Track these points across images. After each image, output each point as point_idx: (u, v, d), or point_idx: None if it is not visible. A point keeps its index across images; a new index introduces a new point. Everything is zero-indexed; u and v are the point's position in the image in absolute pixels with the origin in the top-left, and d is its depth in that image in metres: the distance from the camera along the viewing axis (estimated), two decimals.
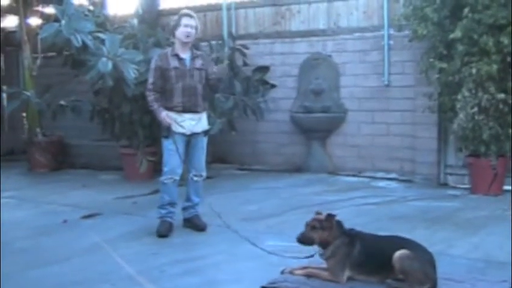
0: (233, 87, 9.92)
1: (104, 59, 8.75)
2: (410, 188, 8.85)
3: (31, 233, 6.71)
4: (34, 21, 11.55)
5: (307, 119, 10.20)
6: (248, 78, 10.31)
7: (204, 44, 10.35)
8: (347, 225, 4.86)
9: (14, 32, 12.18)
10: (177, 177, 6.46)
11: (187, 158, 6.54)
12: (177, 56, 6.40)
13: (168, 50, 6.61)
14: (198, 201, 6.71)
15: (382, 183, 9.22)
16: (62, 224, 7.07)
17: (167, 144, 6.39)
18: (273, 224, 6.85)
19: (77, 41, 8.88)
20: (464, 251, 5.62)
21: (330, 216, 4.81)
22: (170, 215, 6.55)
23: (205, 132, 6.59)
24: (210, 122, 6.92)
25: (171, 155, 6.37)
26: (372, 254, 4.64)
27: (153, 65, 6.48)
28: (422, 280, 4.34)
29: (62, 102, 10.71)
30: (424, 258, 4.46)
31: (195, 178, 6.59)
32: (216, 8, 11.20)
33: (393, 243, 4.60)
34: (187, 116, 6.38)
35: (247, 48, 10.58)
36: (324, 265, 4.79)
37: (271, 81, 10.49)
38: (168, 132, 6.35)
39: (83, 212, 7.58)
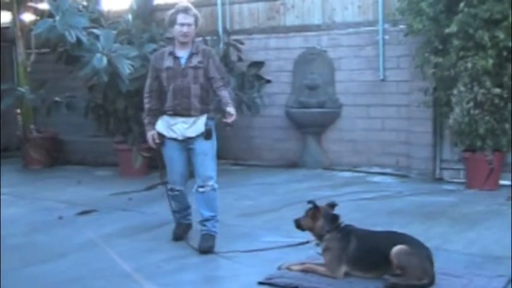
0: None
1: (99, 54, 8.73)
2: (405, 182, 8.84)
3: (26, 230, 6.68)
4: (28, 17, 11.48)
5: (302, 114, 10.18)
6: (243, 73, 10.28)
7: (198, 39, 10.30)
8: (343, 220, 4.87)
9: (7, 28, 12.13)
10: (180, 187, 5.95)
11: (192, 167, 5.93)
12: (173, 54, 5.82)
13: (168, 48, 6.03)
14: (208, 215, 5.82)
15: (377, 178, 9.21)
16: (57, 221, 7.04)
17: (164, 152, 5.94)
18: (269, 220, 6.84)
19: (71, 36, 8.85)
20: (461, 246, 5.61)
21: (315, 207, 4.86)
22: (186, 217, 6.21)
23: (207, 136, 5.78)
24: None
25: (169, 163, 5.93)
26: (368, 250, 4.65)
27: (150, 65, 6.04)
28: (420, 275, 4.34)
29: (57, 98, 10.66)
30: (422, 253, 4.46)
31: (200, 189, 5.78)
32: (211, 3, 11.15)
33: (390, 238, 4.60)
34: (179, 119, 5.75)
35: (242, 43, 10.55)
36: (321, 261, 4.79)
37: (266, 77, 10.46)
38: (162, 138, 5.87)
39: (78, 209, 7.54)
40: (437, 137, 9.02)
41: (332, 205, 4.97)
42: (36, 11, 11.18)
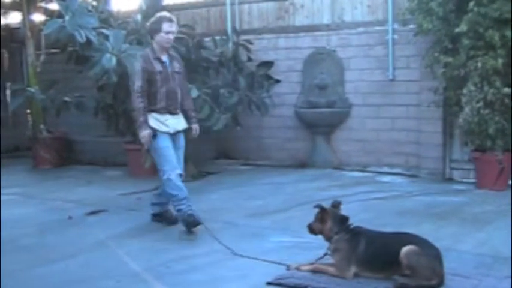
0: (237, 82, 9.90)
1: (108, 54, 8.75)
2: (415, 182, 8.81)
3: (36, 230, 6.69)
4: (37, 17, 11.54)
5: (311, 114, 10.17)
6: (252, 73, 10.27)
7: (207, 39, 10.34)
8: (352, 220, 4.86)
9: (17, 28, 12.19)
10: (180, 171, 6.35)
11: None
12: (159, 59, 6.37)
13: (149, 52, 6.44)
14: None
15: (387, 178, 9.18)
16: (67, 221, 7.05)
17: (158, 144, 6.29)
18: (278, 220, 6.82)
19: (80, 36, 8.88)
20: (471, 247, 5.59)
21: (322, 209, 4.87)
22: (190, 208, 6.28)
23: (185, 131, 6.60)
24: (214, 118, 6.79)
25: (167, 152, 6.29)
26: (377, 250, 4.63)
27: (139, 67, 6.33)
28: (430, 276, 4.32)
29: (66, 99, 10.69)
30: (431, 253, 4.44)
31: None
32: (220, 3, 11.17)
33: (399, 239, 4.59)
34: (169, 116, 6.40)
35: (251, 43, 10.55)
36: (331, 261, 4.79)
37: (276, 76, 10.45)
38: (154, 132, 6.27)
39: (88, 209, 7.56)
40: (447, 136, 9.00)
41: (336, 205, 4.96)
42: (45, 12, 11.24)
